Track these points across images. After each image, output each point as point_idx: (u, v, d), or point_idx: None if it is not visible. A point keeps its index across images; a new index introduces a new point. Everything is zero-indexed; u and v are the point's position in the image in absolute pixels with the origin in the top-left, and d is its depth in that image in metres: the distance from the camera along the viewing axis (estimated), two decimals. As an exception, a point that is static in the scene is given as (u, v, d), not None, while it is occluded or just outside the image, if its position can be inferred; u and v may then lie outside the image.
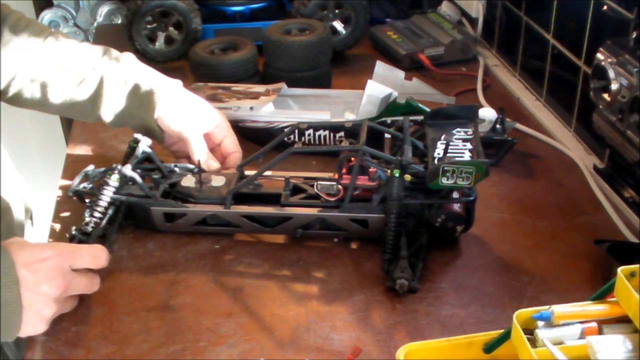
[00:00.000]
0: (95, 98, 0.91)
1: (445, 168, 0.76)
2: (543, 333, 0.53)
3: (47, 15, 1.84)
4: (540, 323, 0.54)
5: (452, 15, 1.46)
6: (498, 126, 0.99)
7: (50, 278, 0.68)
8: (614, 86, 0.86)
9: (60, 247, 0.73)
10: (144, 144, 0.89)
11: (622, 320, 0.54)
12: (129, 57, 0.94)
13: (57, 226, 0.90)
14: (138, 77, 0.92)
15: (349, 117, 1.04)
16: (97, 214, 0.84)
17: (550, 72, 1.15)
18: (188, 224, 0.86)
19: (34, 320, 0.68)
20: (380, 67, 1.07)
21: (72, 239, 0.82)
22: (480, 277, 0.80)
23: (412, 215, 0.82)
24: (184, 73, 1.27)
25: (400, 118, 0.94)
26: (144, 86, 0.91)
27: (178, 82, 0.94)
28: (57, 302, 0.70)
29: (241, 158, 0.95)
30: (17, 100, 0.92)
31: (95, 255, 0.74)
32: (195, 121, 0.92)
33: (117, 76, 0.91)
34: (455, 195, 0.82)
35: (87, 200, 0.88)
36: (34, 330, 0.69)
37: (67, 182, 0.95)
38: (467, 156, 0.80)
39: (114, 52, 0.94)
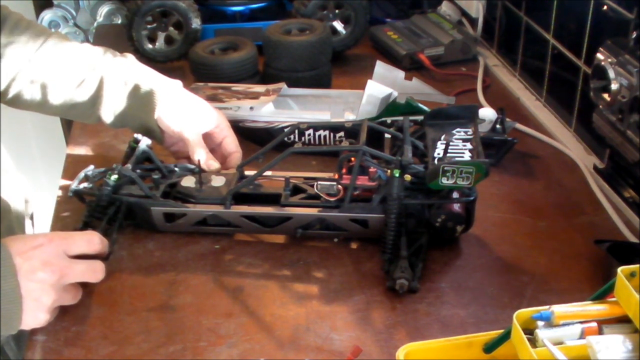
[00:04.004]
0: (96, 99, 0.91)
1: (445, 168, 0.76)
2: (543, 333, 0.53)
3: (47, 15, 1.84)
4: (540, 323, 0.54)
5: (452, 15, 1.46)
6: (498, 126, 0.99)
7: (45, 264, 0.68)
8: (614, 86, 0.86)
9: (53, 234, 0.73)
10: (144, 144, 0.89)
11: (622, 320, 0.54)
12: (129, 58, 0.94)
13: (57, 226, 0.90)
14: (138, 77, 0.92)
15: (349, 117, 1.04)
16: (97, 214, 0.84)
17: (550, 72, 1.15)
18: (188, 224, 0.86)
19: (34, 309, 0.68)
20: (380, 67, 1.07)
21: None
22: (480, 277, 0.80)
23: (412, 215, 0.82)
24: (184, 73, 1.27)
25: (400, 118, 0.94)
26: (144, 87, 0.91)
27: (178, 83, 0.95)
28: (56, 289, 0.69)
29: (241, 158, 0.95)
30: (17, 102, 0.92)
31: (89, 240, 0.74)
32: (195, 121, 0.92)
33: (117, 77, 0.91)
34: (455, 195, 0.82)
35: (87, 201, 0.88)
36: (35, 321, 0.69)
37: (67, 182, 0.95)
38: (467, 156, 0.80)
39: (114, 53, 0.94)
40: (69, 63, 0.91)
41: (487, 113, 1.02)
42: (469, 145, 0.82)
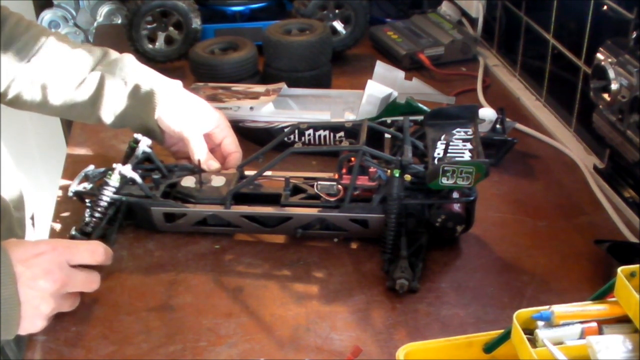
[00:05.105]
0: (95, 99, 0.91)
1: (445, 168, 0.76)
2: (543, 333, 0.53)
3: (47, 15, 1.84)
4: (540, 323, 0.54)
5: (452, 15, 1.46)
6: (498, 126, 0.99)
7: (46, 272, 0.68)
8: (614, 86, 0.86)
9: (56, 242, 0.73)
10: (144, 144, 0.89)
11: (622, 320, 0.54)
12: (129, 58, 0.94)
13: (57, 226, 0.90)
14: (138, 77, 0.92)
15: (349, 117, 1.04)
16: (97, 214, 0.84)
17: (550, 72, 1.15)
18: (188, 224, 0.86)
19: (32, 316, 0.68)
20: (380, 67, 1.07)
21: (72, 240, 0.82)
22: (480, 277, 0.80)
23: (412, 215, 0.82)
24: (184, 73, 1.27)
25: (400, 118, 0.94)
26: (144, 87, 0.91)
27: (178, 83, 0.95)
28: (55, 297, 0.69)
29: (241, 158, 0.95)
30: (18, 102, 0.92)
31: (93, 251, 0.73)
32: (195, 121, 0.92)
33: (117, 77, 0.91)
34: (455, 195, 0.82)
35: (87, 201, 0.88)
36: (32, 327, 0.69)
37: (67, 182, 0.95)
38: (467, 156, 0.80)
39: (114, 53, 0.94)
40: (69, 63, 0.91)
41: (487, 113, 1.02)
42: (469, 145, 0.82)
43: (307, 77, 1.19)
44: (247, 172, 0.89)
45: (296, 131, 1.00)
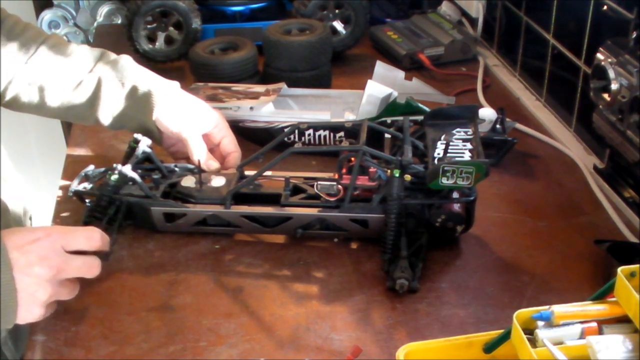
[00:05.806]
0: (93, 101, 0.91)
1: (445, 168, 0.76)
2: (543, 333, 0.53)
3: (47, 15, 1.84)
4: (540, 323, 0.54)
5: (452, 15, 1.46)
6: (498, 126, 0.99)
7: (42, 258, 0.67)
8: (614, 86, 0.86)
9: (52, 228, 0.72)
10: (144, 144, 0.89)
11: (622, 320, 0.54)
12: (126, 59, 0.93)
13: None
14: (135, 79, 0.92)
15: (349, 117, 1.04)
16: (97, 214, 0.84)
17: (550, 72, 1.15)
18: (188, 224, 0.86)
19: (29, 303, 0.67)
20: (380, 67, 1.07)
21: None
22: (480, 277, 0.80)
23: (412, 215, 0.82)
24: (184, 73, 1.27)
25: (400, 118, 0.94)
26: (142, 88, 0.91)
27: (175, 84, 0.94)
28: (52, 283, 0.68)
29: (240, 158, 0.95)
30: (15, 104, 0.92)
31: (89, 236, 0.72)
32: (193, 122, 0.92)
33: (114, 78, 0.91)
34: (455, 195, 0.82)
35: (87, 201, 0.88)
36: (30, 315, 0.69)
37: (67, 183, 0.95)
38: (467, 156, 0.80)
39: (111, 55, 0.94)
40: (66, 65, 0.91)
41: (487, 113, 1.02)
42: (469, 145, 0.82)
43: (307, 77, 1.19)
44: (247, 172, 0.89)
45: (296, 131, 1.00)
